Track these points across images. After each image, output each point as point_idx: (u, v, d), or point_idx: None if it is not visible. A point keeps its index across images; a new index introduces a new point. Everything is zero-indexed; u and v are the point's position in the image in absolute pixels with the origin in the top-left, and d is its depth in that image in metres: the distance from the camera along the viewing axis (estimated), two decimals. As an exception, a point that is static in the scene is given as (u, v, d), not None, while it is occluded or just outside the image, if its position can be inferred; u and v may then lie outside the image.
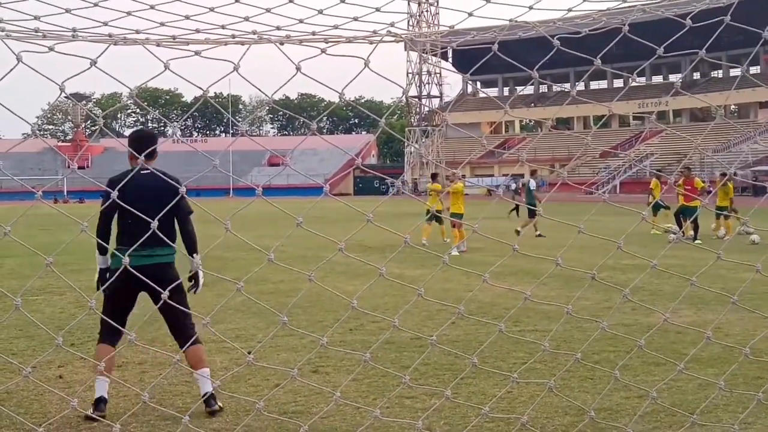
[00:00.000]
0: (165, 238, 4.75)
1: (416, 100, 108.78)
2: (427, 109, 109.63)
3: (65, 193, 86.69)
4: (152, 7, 3.34)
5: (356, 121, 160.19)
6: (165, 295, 3.61)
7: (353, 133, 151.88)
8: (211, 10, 3.42)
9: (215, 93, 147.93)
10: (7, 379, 7.73)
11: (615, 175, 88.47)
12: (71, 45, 3.05)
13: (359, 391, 7.10)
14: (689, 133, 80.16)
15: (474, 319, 9.53)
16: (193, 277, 6.71)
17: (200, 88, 3.00)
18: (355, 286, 13.31)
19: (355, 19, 3.50)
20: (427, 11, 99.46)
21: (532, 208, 22.87)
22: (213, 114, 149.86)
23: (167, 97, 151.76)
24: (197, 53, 2.93)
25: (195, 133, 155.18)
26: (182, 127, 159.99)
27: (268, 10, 3.49)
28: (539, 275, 13.39)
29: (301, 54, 3.34)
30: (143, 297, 6.49)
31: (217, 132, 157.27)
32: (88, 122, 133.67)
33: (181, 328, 6.60)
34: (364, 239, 22.61)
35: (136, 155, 4.59)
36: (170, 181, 5.88)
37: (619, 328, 9.27)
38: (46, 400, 7.06)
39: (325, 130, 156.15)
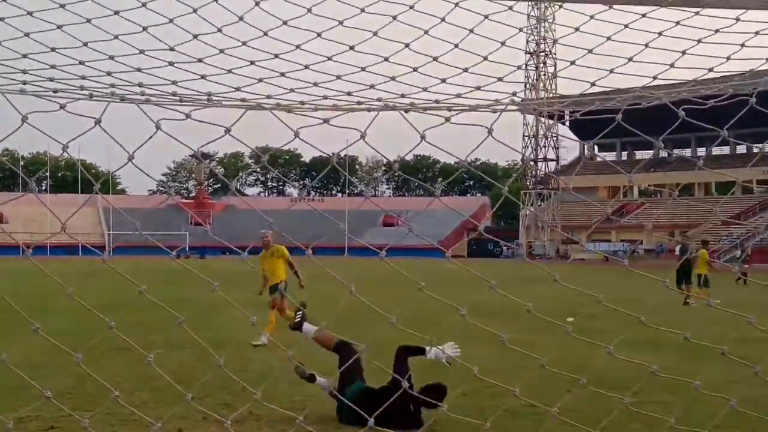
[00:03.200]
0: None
1: (532, 163, 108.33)
2: (542, 172, 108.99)
3: (187, 249, 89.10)
4: (282, 74, 3.46)
5: (471, 183, 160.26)
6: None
7: (468, 195, 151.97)
8: (338, 77, 3.53)
9: (332, 153, 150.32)
10: (130, 431, 7.94)
11: (737, 243, 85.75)
12: (208, 109, 3.19)
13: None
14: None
15: (591, 389, 9.33)
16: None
17: (326, 153, 3.09)
18: (469, 350, 13.19)
19: (478, 88, 3.55)
20: (543, 74, 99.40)
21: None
22: (330, 174, 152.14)
23: (287, 157, 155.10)
24: (326, 121, 3.02)
25: (312, 193, 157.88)
26: (300, 187, 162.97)
27: (392, 79, 3.58)
28: (658, 345, 13.03)
29: (424, 121, 3.41)
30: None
31: (334, 192, 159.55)
32: (211, 180, 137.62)
33: None
34: (477, 303, 22.43)
35: None
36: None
37: (745, 403, 8.92)
38: (166, 452, 7.23)
39: (440, 192, 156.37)
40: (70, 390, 9.78)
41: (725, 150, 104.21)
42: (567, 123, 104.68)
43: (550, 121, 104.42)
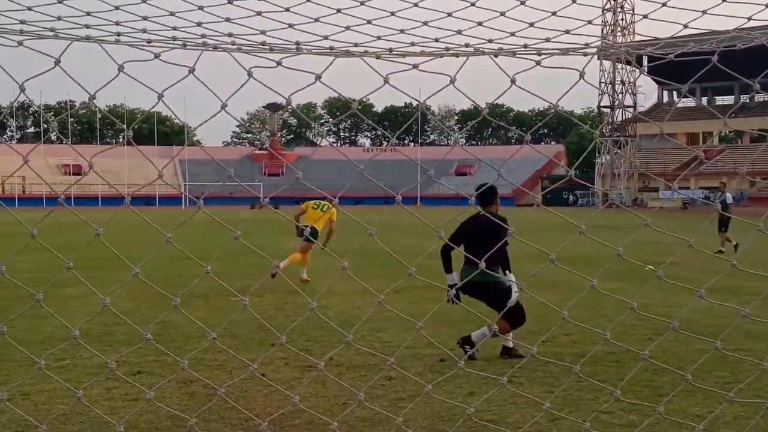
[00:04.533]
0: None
1: (608, 109, 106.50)
2: (619, 119, 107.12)
3: (261, 199, 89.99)
4: (369, 22, 3.46)
5: (545, 130, 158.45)
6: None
7: (542, 143, 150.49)
8: (425, 23, 3.51)
9: (405, 102, 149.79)
10: (214, 376, 8.13)
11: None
12: (295, 58, 3.21)
13: (554, 403, 7.04)
14: None
15: (684, 333, 9.26)
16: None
17: (417, 100, 3.09)
18: (547, 297, 13.16)
19: (567, 32, 3.50)
20: (622, 19, 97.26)
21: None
22: (402, 123, 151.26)
23: (359, 107, 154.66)
24: (415, 66, 3.02)
25: (384, 143, 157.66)
26: (372, 137, 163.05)
27: (480, 24, 3.55)
28: (741, 293, 12.86)
29: (512, 65, 3.37)
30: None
31: (406, 141, 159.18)
32: (284, 131, 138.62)
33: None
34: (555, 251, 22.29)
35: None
36: (501, 222, 6.86)
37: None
38: (251, 397, 7.39)
39: (513, 141, 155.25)
40: (154, 336, 9.99)
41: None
42: (646, 69, 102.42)
43: (629, 67, 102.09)
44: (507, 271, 9.24)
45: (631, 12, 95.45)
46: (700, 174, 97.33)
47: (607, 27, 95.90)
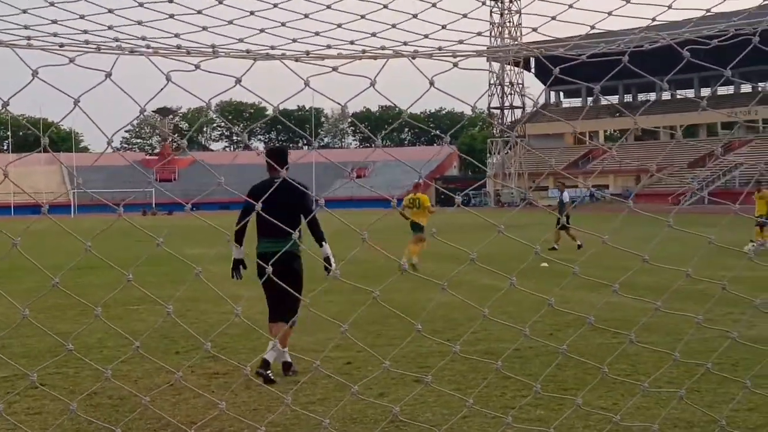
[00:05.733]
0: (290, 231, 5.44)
1: (498, 110, 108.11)
2: (509, 119, 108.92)
3: (153, 206, 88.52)
4: (283, 24, 3.45)
5: (438, 132, 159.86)
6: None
7: (435, 144, 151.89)
8: (339, 26, 3.52)
9: (297, 106, 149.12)
10: (119, 386, 7.96)
11: (703, 185, 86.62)
12: (209, 61, 3.18)
13: (463, 401, 7.14)
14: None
15: (599, 326, 9.48)
16: (326, 261, 7.98)
17: (339, 103, 3.10)
18: (452, 296, 13.30)
19: (479, 34, 3.56)
20: (509, 22, 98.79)
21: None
22: (295, 126, 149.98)
23: (251, 111, 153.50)
24: (334, 69, 3.03)
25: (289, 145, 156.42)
26: (266, 141, 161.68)
27: (393, 26, 3.58)
28: (634, 287, 13.23)
29: (423, 68, 3.41)
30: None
31: (300, 144, 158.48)
32: (176, 135, 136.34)
33: (288, 308, 7.82)
34: (454, 251, 22.57)
35: (275, 167, 6.12)
36: (298, 186, 6.77)
37: (722, 340, 9.12)
38: (158, 405, 7.26)
39: (406, 142, 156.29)
40: (53, 348, 9.77)
41: (690, 93, 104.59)
42: (533, 70, 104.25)
43: (517, 68, 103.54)
44: (323, 243, 8.15)
45: (518, 13, 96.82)
46: (587, 172, 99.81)
47: (496, 28, 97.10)
